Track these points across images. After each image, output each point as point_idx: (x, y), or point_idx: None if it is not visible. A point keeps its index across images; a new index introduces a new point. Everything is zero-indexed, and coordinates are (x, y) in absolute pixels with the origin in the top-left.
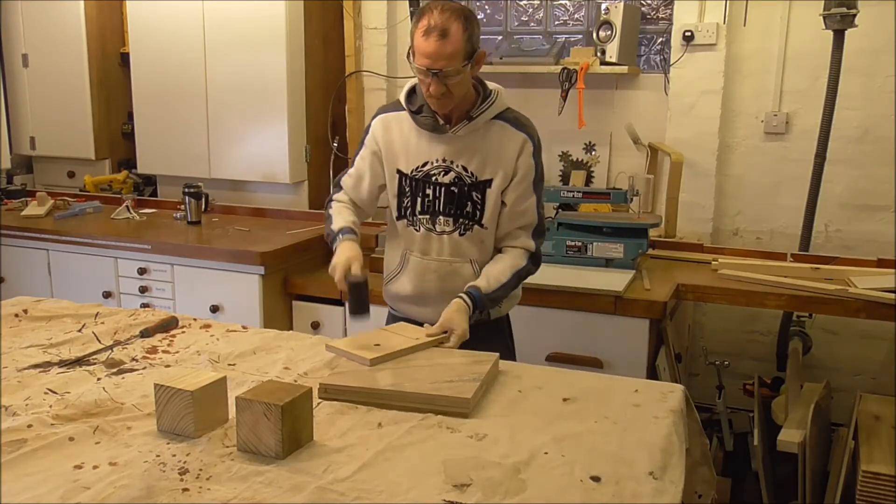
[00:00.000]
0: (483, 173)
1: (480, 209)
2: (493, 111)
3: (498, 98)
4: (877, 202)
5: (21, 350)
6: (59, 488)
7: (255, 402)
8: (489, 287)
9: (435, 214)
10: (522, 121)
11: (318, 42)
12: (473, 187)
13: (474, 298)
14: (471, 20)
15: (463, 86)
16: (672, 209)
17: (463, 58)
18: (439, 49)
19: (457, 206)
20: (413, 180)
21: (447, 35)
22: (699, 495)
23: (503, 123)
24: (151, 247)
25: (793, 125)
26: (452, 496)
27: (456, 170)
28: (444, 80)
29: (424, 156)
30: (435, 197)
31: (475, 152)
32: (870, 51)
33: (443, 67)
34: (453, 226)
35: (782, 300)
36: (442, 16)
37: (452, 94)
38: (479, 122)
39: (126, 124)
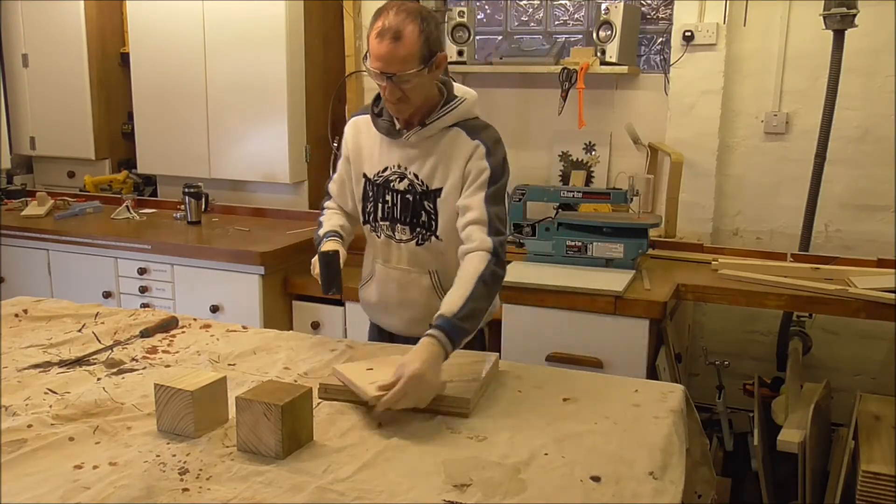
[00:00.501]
0: (433, 181)
1: (435, 219)
2: (451, 119)
3: (461, 106)
4: (877, 202)
5: (21, 350)
6: (59, 488)
7: (255, 401)
8: (453, 306)
9: (394, 221)
10: (480, 128)
11: (318, 42)
12: (425, 196)
13: (443, 329)
14: (428, 21)
15: (421, 90)
16: (672, 209)
17: (418, 61)
18: (392, 52)
19: (412, 215)
20: (375, 185)
21: (401, 38)
22: (699, 495)
23: (459, 131)
24: (151, 247)
25: (793, 125)
26: (452, 496)
27: (409, 177)
28: (400, 84)
29: (385, 160)
30: (393, 204)
31: (426, 160)
32: (870, 51)
33: (396, 71)
34: (410, 234)
35: (782, 300)
36: (397, 17)
37: (409, 99)
38: (433, 129)
39: (126, 124)
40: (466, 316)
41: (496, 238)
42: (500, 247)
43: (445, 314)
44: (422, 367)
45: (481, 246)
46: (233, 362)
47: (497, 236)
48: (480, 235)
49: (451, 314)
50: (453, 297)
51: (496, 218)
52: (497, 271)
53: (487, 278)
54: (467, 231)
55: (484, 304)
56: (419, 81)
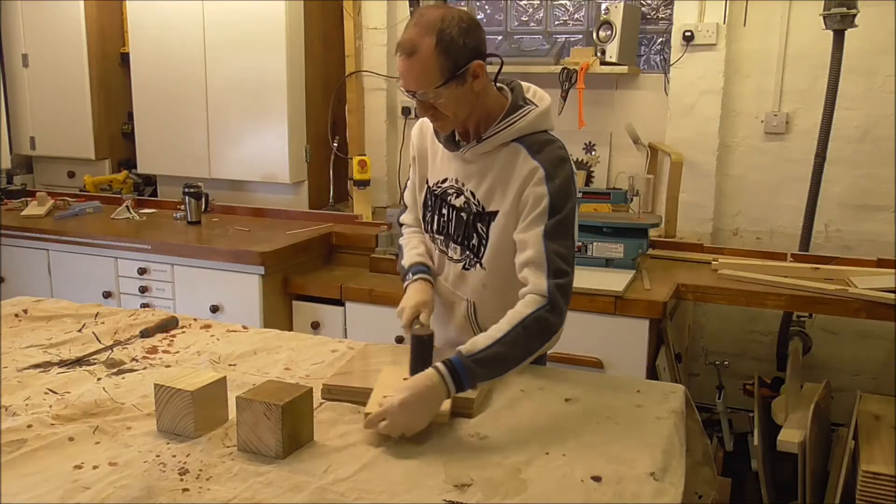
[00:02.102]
0: (490, 203)
1: (484, 244)
2: (511, 134)
3: (523, 119)
4: (877, 202)
5: (21, 350)
6: (59, 488)
7: (256, 401)
8: (475, 345)
9: (448, 238)
10: (542, 146)
11: (318, 42)
12: (479, 217)
13: (452, 365)
14: (451, 30)
15: (458, 105)
16: (672, 209)
17: (439, 77)
18: (407, 69)
19: (464, 236)
20: (434, 195)
21: (414, 53)
22: (700, 496)
23: (520, 147)
24: (151, 247)
25: (793, 125)
26: (453, 496)
27: (466, 194)
28: (427, 100)
29: (445, 171)
30: (448, 219)
31: (484, 178)
32: (870, 51)
33: (415, 89)
34: (460, 255)
35: (782, 300)
36: (414, 30)
37: (446, 116)
38: (490, 144)
39: (126, 124)
40: (485, 360)
41: (553, 281)
42: (557, 290)
43: (462, 351)
44: (408, 398)
45: (533, 289)
46: (233, 362)
47: (556, 278)
48: (535, 279)
49: (468, 353)
50: (484, 335)
51: (556, 256)
52: (546, 317)
53: (529, 323)
54: (523, 273)
55: (517, 351)
56: (451, 96)
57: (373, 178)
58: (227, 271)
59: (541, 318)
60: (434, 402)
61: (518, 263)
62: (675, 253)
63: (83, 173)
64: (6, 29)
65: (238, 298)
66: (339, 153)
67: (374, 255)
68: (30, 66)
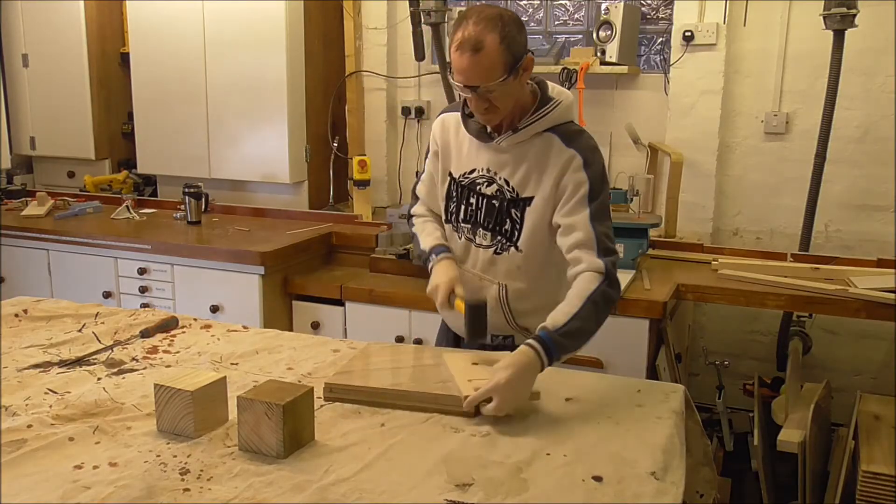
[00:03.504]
0: (524, 189)
1: (519, 229)
2: (545, 124)
3: (555, 110)
4: (877, 202)
5: (21, 350)
6: (59, 488)
7: (257, 401)
8: (557, 321)
9: (476, 225)
10: (575, 136)
11: (318, 42)
12: (513, 203)
13: (542, 341)
14: (510, 27)
15: (509, 98)
16: (672, 209)
17: (502, 70)
18: (473, 65)
19: (496, 222)
20: (460, 186)
21: (481, 49)
22: (701, 495)
23: (553, 136)
24: (151, 247)
25: (793, 125)
26: (454, 496)
27: (498, 182)
28: (486, 94)
29: (472, 162)
30: (477, 207)
31: (519, 166)
32: (870, 51)
33: (480, 84)
34: (491, 241)
35: (782, 300)
36: (476, 27)
37: (498, 108)
38: (525, 133)
39: (126, 124)
40: (569, 333)
41: (607, 258)
42: (613, 267)
43: (548, 327)
44: (513, 374)
45: (591, 267)
46: (234, 362)
47: (608, 256)
48: (589, 258)
49: (553, 328)
50: (559, 312)
51: (605, 237)
52: (609, 292)
53: (597, 298)
54: (574, 254)
55: (591, 324)
56: (506, 89)
57: (373, 178)
58: (227, 271)
59: (605, 292)
60: (532, 376)
61: (567, 246)
62: (675, 253)
63: (83, 173)
64: (6, 29)
65: (238, 298)
66: (339, 153)
67: (374, 255)
68: (30, 66)
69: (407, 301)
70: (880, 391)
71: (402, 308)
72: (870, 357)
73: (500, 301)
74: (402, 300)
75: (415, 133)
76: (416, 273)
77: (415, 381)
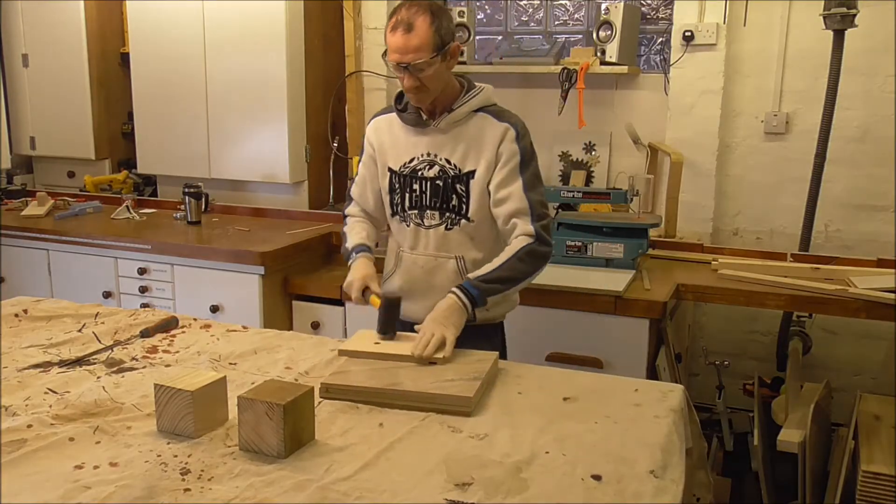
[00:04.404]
0: (466, 164)
1: (466, 202)
2: (476, 103)
3: (482, 93)
4: (877, 202)
5: (21, 350)
6: (59, 488)
7: (257, 401)
8: (479, 272)
9: (423, 209)
10: (505, 112)
11: (318, 42)
12: (457, 179)
13: (462, 287)
14: (439, 14)
15: (438, 79)
16: (672, 209)
17: (431, 49)
18: (406, 42)
19: (442, 200)
20: (401, 176)
21: (412, 28)
22: (697, 498)
23: (485, 115)
24: (151, 247)
25: (793, 125)
26: (454, 495)
27: (440, 163)
28: (417, 73)
29: (411, 151)
30: (422, 192)
31: (457, 144)
32: (870, 51)
33: (411, 61)
34: (440, 219)
35: (782, 300)
36: (409, 11)
37: (427, 88)
38: (460, 113)
39: (126, 124)
40: (489, 279)
41: (539, 223)
42: (544, 230)
43: (469, 277)
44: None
45: (522, 232)
46: (234, 362)
47: (540, 221)
48: (523, 224)
49: (474, 277)
50: (485, 267)
51: (538, 204)
52: (536, 248)
53: (522, 255)
54: (511, 223)
55: (515, 273)
56: (434, 70)
57: None
58: (227, 271)
59: (532, 249)
60: (457, 315)
61: (504, 215)
62: (675, 253)
63: (83, 173)
64: (6, 29)
65: (238, 298)
66: (339, 153)
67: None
68: (30, 66)
69: None
70: (880, 391)
71: None
72: (870, 357)
73: (461, 272)
74: None
75: None
76: None
77: (412, 381)
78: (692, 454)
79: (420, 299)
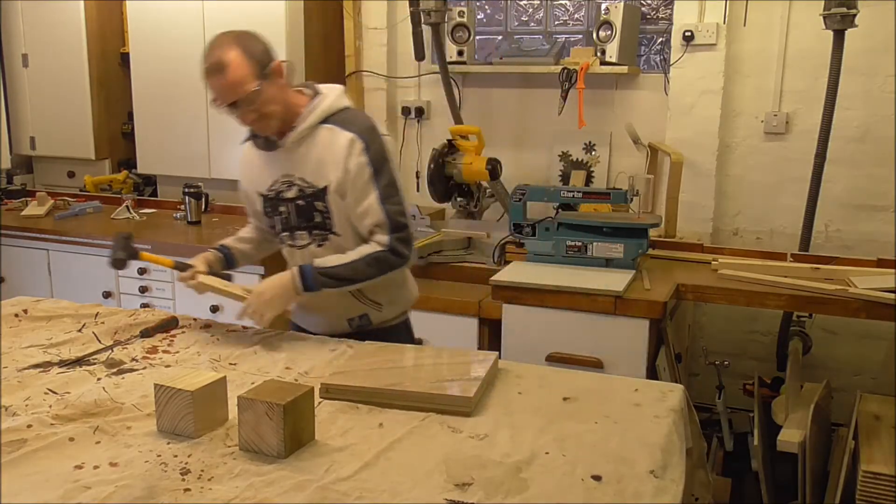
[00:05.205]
0: (320, 180)
1: (328, 217)
2: (320, 114)
3: (325, 101)
4: (877, 202)
5: (21, 350)
6: (59, 488)
7: (257, 401)
8: (324, 262)
9: (292, 231)
10: (351, 119)
11: (318, 42)
12: (315, 197)
13: (302, 269)
14: (246, 41)
15: (274, 102)
16: (672, 209)
17: (253, 79)
18: (224, 83)
19: (306, 219)
20: (268, 199)
21: (225, 67)
22: (696, 498)
23: (331, 126)
24: (151, 247)
25: (793, 125)
26: (454, 495)
27: (297, 182)
28: (249, 106)
29: (270, 175)
30: (288, 213)
31: (309, 161)
32: (870, 51)
33: (237, 98)
34: (309, 238)
35: (782, 300)
36: (215, 52)
37: (267, 115)
38: (304, 130)
39: (126, 124)
40: (329, 273)
41: (395, 235)
42: (400, 242)
43: (314, 263)
44: (266, 285)
45: (378, 242)
46: (234, 362)
47: (397, 233)
48: (380, 237)
49: (318, 265)
50: (335, 257)
51: (396, 215)
52: (387, 257)
53: (371, 260)
54: (369, 235)
55: (357, 275)
56: (265, 96)
57: None
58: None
59: (380, 256)
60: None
61: (366, 230)
62: (675, 253)
63: (83, 173)
64: (6, 29)
65: None
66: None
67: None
68: (30, 66)
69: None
70: (880, 391)
71: None
72: (870, 357)
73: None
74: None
75: (415, 133)
76: (417, 273)
77: (412, 381)
78: (692, 454)
79: (312, 313)
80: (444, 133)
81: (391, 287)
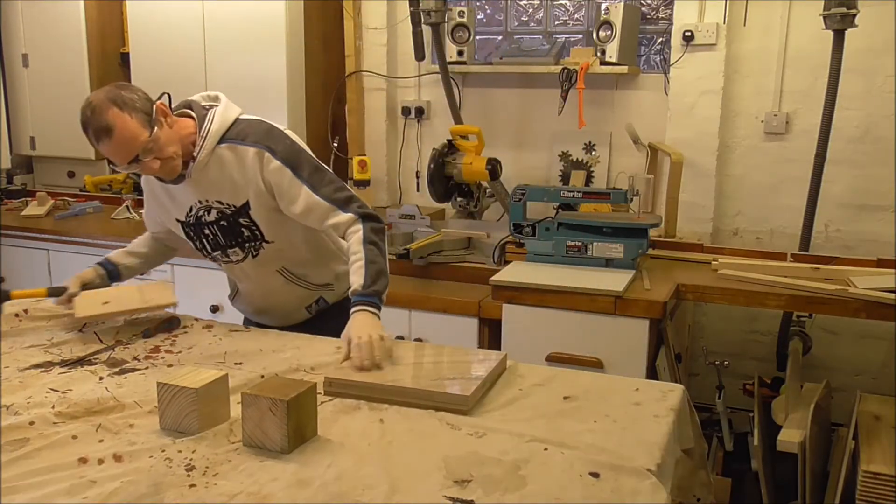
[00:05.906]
0: (237, 199)
1: (257, 229)
2: (213, 139)
3: (214, 120)
4: (877, 202)
5: (22, 350)
6: (64, 484)
7: (261, 397)
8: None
9: (223, 249)
10: (247, 130)
11: (318, 42)
12: (237, 215)
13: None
14: (118, 96)
15: (170, 144)
16: (672, 209)
17: (143, 129)
18: (117, 145)
19: (235, 236)
20: (189, 225)
21: (112, 129)
22: (698, 499)
23: (230, 145)
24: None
25: (793, 125)
26: (453, 492)
27: (215, 206)
28: (149, 157)
29: (186, 202)
30: (214, 235)
31: (222, 183)
32: (870, 51)
33: (136, 155)
34: (243, 253)
35: (782, 300)
36: (97, 117)
37: (169, 158)
38: (205, 157)
39: None
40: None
41: (349, 207)
42: (359, 209)
43: (357, 289)
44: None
45: (346, 224)
46: (239, 361)
47: (349, 205)
48: (338, 219)
49: (360, 287)
50: (354, 268)
51: (334, 192)
52: (370, 227)
53: (370, 237)
54: (327, 224)
55: (377, 257)
56: (162, 141)
57: (373, 178)
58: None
59: (371, 227)
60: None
61: (318, 226)
62: (675, 253)
63: (83, 173)
64: (6, 29)
65: None
66: (339, 153)
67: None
68: (30, 66)
69: (407, 301)
70: (880, 391)
71: (402, 308)
72: (870, 357)
73: (291, 281)
74: (403, 300)
75: (415, 133)
76: (417, 273)
77: (413, 378)
78: (692, 454)
79: (271, 313)
80: (444, 133)
81: (330, 264)
